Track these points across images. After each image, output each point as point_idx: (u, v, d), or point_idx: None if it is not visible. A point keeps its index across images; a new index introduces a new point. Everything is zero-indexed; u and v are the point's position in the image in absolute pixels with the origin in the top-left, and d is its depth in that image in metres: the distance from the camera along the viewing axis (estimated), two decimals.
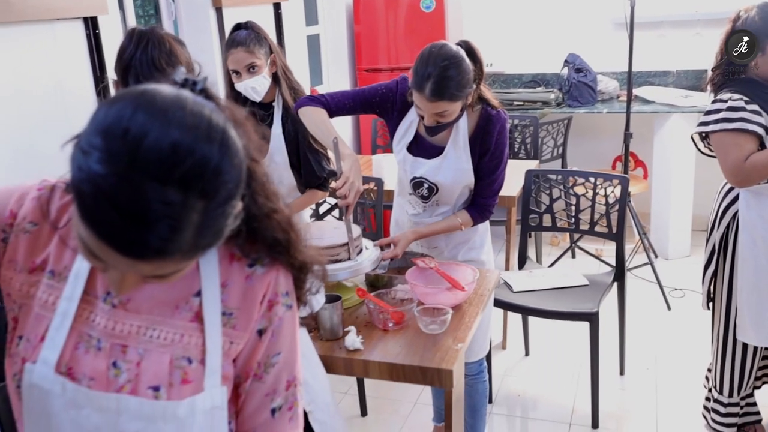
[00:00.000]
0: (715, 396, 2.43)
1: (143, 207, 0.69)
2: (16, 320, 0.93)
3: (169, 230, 0.71)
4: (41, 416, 0.89)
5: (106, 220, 0.70)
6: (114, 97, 0.76)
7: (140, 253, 0.72)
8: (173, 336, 0.90)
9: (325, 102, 2.12)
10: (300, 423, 1.01)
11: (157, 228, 0.70)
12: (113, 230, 0.70)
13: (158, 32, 1.73)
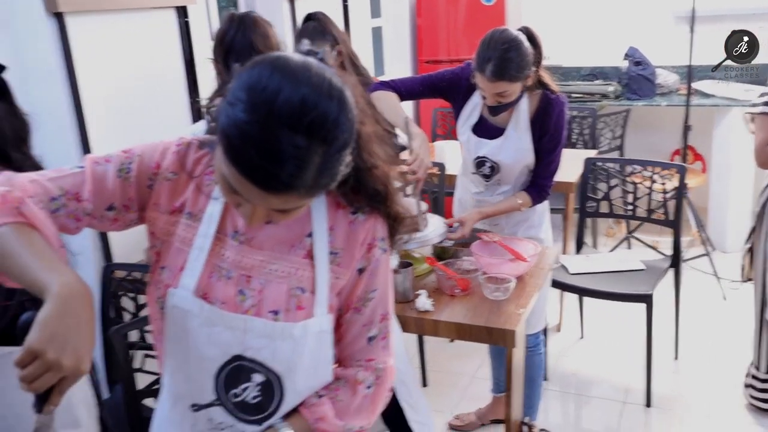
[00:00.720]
0: (753, 372, 2.50)
1: (277, 148, 0.85)
2: (159, 254, 1.10)
3: (296, 168, 0.86)
4: (181, 333, 1.06)
5: (247, 159, 0.86)
6: (254, 61, 0.92)
7: (273, 186, 0.87)
8: (289, 269, 1.06)
9: (396, 87, 2.27)
10: (392, 352, 1.16)
11: (287, 166, 0.85)
12: (252, 167, 0.86)
13: (252, 16, 1.91)
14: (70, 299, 0.84)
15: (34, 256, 0.90)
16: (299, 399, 1.10)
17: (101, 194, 1.04)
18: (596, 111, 4.07)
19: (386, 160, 1.06)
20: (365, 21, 4.11)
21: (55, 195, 1.01)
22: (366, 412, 1.13)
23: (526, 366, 2.39)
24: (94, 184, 1.03)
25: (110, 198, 1.05)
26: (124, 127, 2.26)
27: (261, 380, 1.06)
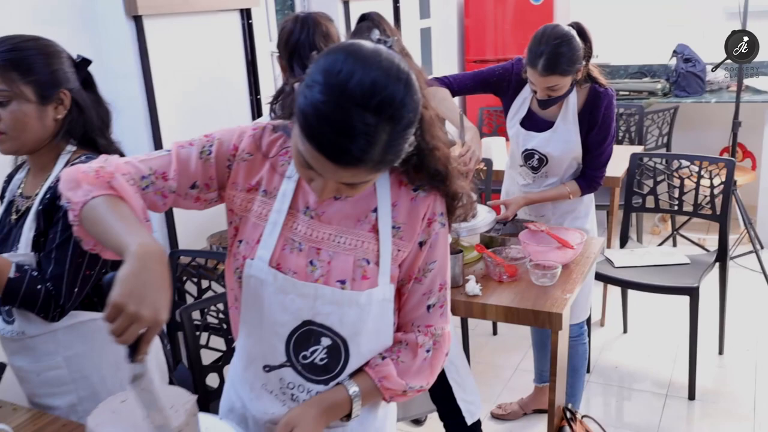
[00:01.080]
0: None
1: (349, 125, 0.95)
2: (237, 228, 1.23)
3: (365, 143, 0.97)
4: (256, 300, 1.19)
5: (322, 135, 0.97)
6: (329, 48, 1.03)
7: (344, 160, 0.98)
8: (356, 242, 1.18)
9: (448, 83, 2.38)
10: (448, 319, 1.26)
11: (358, 141, 0.96)
12: (327, 143, 0.97)
13: (314, 17, 2.04)
14: (146, 257, 0.96)
15: (118, 222, 1.03)
16: (362, 361, 1.21)
17: (185, 174, 1.17)
18: (643, 108, 4.09)
19: (446, 143, 1.16)
20: (414, 22, 4.22)
21: (145, 174, 1.15)
22: (425, 373, 1.24)
23: (569, 355, 2.47)
24: (179, 165, 1.17)
25: (193, 177, 1.18)
26: (190, 121, 2.42)
27: (328, 344, 1.18)
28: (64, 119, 1.47)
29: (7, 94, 1.39)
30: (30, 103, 1.41)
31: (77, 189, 1.07)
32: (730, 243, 3.69)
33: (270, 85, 2.88)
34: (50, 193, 1.42)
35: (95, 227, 1.05)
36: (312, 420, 1.16)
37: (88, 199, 1.05)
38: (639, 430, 2.68)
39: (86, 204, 1.05)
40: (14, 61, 1.40)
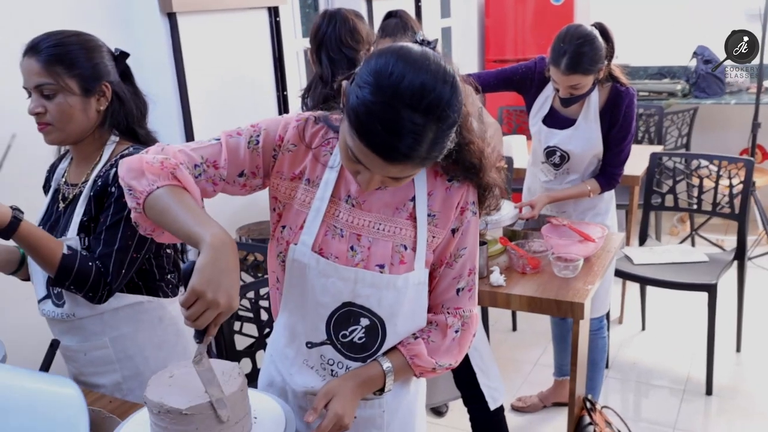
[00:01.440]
0: None
1: (399, 124, 1.01)
2: (280, 215, 1.29)
3: (413, 141, 1.02)
4: (299, 282, 1.25)
5: (372, 133, 1.03)
6: (379, 51, 1.08)
7: (393, 156, 1.04)
8: (394, 229, 1.23)
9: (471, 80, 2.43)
10: (476, 302, 1.32)
11: (406, 139, 1.02)
12: (377, 140, 1.03)
13: (342, 13, 2.11)
14: (221, 248, 1.02)
15: (187, 213, 1.09)
16: (397, 340, 1.27)
17: (234, 162, 1.23)
18: (663, 109, 4.12)
19: (481, 137, 1.22)
20: (435, 21, 4.28)
21: (197, 162, 1.21)
22: (453, 352, 1.30)
23: (589, 349, 2.51)
24: (229, 154, 1.23)
25: (241, 165, 1.24)
26: (220, 115, 2.49)
27: (367, 324, 1.24)
28: (106, 110, 1.54)
29: (54, 87, 1.45)
30: (74, 96, 1.48)
31: (141, 178, 1.12)
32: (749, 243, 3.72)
33: (296, 82, 2.95)
34: (101, 181, 1.49)
35: (162, 216, 1.10)
36: (349, 391, 1.22)
37: (153, 189, 1.11)
38: (656, 424, 2.72)
39: (151, 193, 1.11)
40: (59, 56, 1.46)
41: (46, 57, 1.45)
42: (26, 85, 1.47)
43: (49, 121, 1.47)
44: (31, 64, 1.45)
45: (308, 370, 1.30)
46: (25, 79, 1.47)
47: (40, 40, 1.46)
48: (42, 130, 1.49)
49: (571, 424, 2.24)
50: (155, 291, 1.61)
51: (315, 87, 2.12)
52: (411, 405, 1.38)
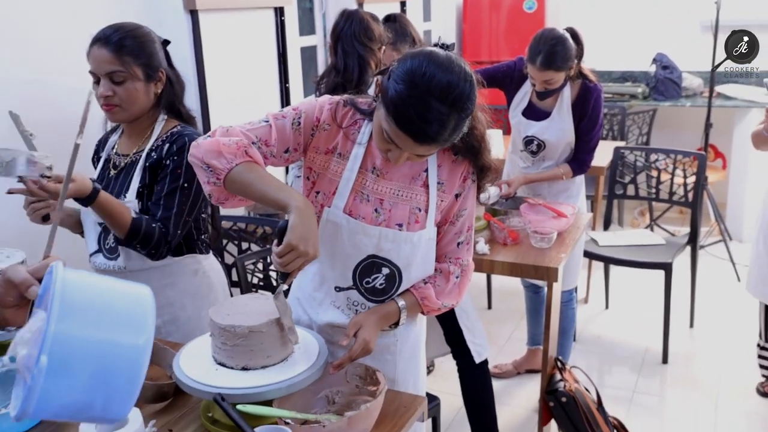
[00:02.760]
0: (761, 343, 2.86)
1: (429, 113, 1.28)
2: (314, 183, 1.54)
3: (440, 127, 1.30)
4: (330, 239, 1.51)
5: (407, 119, 1.30)
6: (412, 54, 1.34)
7: (422, 138, 1.31)
8: (410, 195, 1.51)
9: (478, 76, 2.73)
10: (471, 253, 1.61)
11: (434, 125, 1.29)
12: (410, 125, 1.30)
13: (360, 13, 2.39)
14: (306, 211, 1.29)
15: (269, 184, 1.35)
16: (409, 285, 1.55)
17: (282, 140, 1.49)
18: (626, 109, 4.49)
19: (483, 123, 1.50)
20: (418, 24, 4.57)
21: (254, 140, 1.46)
22: (454, 294, 1.59)
23: (560, 318, 2.83)
24: (278, 133, 1.49)
25: (287, 143, 1.50)
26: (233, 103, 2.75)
27: (387, 272, 1.52)
28: (161, 93, 1.79)
29: (124, 74, 1.69)
30: (140, 81, 1.72)
31: (220, 157, 1.37)
32: (702, 234, 4.09)
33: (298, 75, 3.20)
34: (155, 154, 1.74)
35: (246, 188, 1.36)
36: (373, 323, 1.50)
37: (233, 166, 1.36)
38: (619, 388, 3.04)
39: (231, 170, 1.36)
40: (128, 47, 1.69)
41: (116, 47, 1.68)
42: (97, 71, 1.70)
43: (116, 103, 1.71)
44: (103, 53, 1.68)
45: (335, 310, 1.57)
46: (95, 66, 1.69)
47: (110, 32, 1.69)
48: (109, 110, 1.73)
49: (544, 380, 2.55)
50: (193, 248, 1.87)
51: (329, 75, 2.40)
52: (418, 336, 1.67)
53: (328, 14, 3.81)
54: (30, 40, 2.07)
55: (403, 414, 1.44)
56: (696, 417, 2.82)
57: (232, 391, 1.29)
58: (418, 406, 1.48)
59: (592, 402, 2.53)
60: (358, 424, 1.30)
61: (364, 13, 2.41)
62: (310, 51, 3.75)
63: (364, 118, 1.51)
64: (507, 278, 3.79)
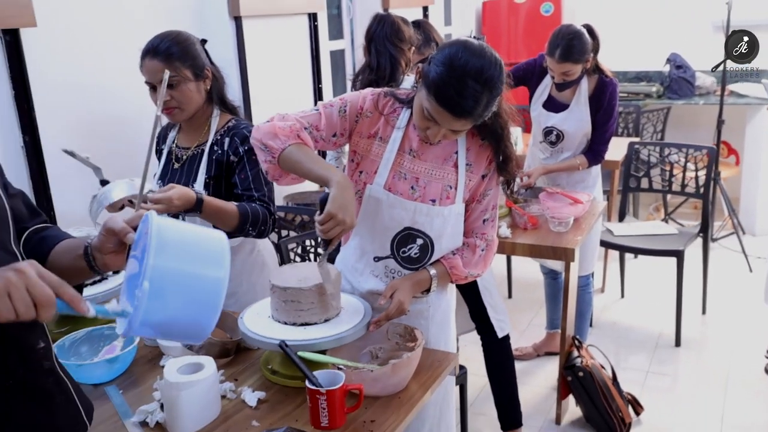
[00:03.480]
0: None
1: (465, 91, 1.49)
2: (358, 164, 1.76)
3: (473, 102, 1.50)
4: (372, 213, 1.72)
5: (447, 96, 1.50)
6: (450, 43, 1.55)
7: (458, 112, 1.52)
8: (442, 174, 1.72)
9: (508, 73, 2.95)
10: (495, 230, 1.81)
11: (469, 101, 1.50)
12: (449, 100, 1.50)
13: (391, 17, 2.60)
14: (344, 185, 1.51)
15: (315, 163, 1.58)
16: (441, 255, 1.76)
17: (330, 126, 1.71)
18: (640, 108, 4.66)
19: (508, 113, 1.70)
20: (439, 28, 4.76)
21: (306, 126, 1.68)
22: (480, 266, 1.79)
23: (577, 302, 3.02)
24: (327, 120, 1.71)
25: (335, 128, 1.72)
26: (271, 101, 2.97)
27: (421, 242, 1.72)
28: (209, 89, 2.00)
29: (176, 78, 1.88)
30: (191, 82, 1.93)
31: (275, 139, 1.60)
32: (716, 228, 4.26)
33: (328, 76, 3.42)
34: (217, 147, 1.95)
35: (296, 165, 1.59)
36: (407, 287, 1.70)
37: (286, 146, 1.59)
38: (633, 369, 3.21)
39: (284, 149, 1.59)
40: (175, 53, 1.89)
41: (165, 56, 1.88)
42: (152, 80, 1.89)
43: (175, 105, 1.91)
44: (155, 64, 1.87)
45: (374, 278, 1.78)
46: (150, 76, 1.89)
47: (156, 43, 1.89)
48: (169, 113, 1.92)
49: (562, 357, 2.74)
50: None
51: (363, 73, 2.62)
52: (449, 304, 1.87)
53: (355, 20, 4.03)
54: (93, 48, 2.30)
55: (437, 367, 1.64)
56: (706, 396, 2.98)
57: (291, 342, 1.50)
58: (450, 361, 1.68)
59: (608, 377, 2.72)
60: (400, 372, 1.50)
61: (396, 17, 2.63)
62: (339, 54, 3.98)
63: (402, 106, 1.72)
64: (526, 269, 4.01)
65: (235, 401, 1.53)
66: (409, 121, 1.71)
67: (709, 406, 2.90)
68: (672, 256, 3.30)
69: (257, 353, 1.73)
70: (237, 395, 1.54)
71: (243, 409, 1.50)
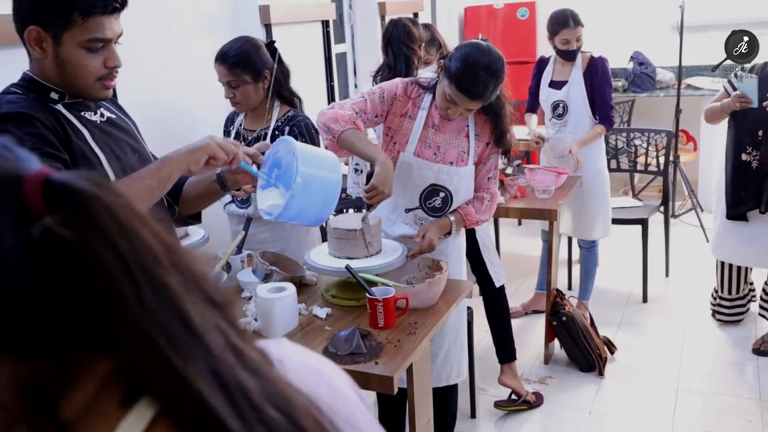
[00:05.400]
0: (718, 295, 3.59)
1: (477, 80, 2.00)
2: (392, 137, 2.26)
3: (484, 88, 2.02)
4: (404, 174, 2.22)
5: (464, 84, 2.01)
6: (466, 44, 2.07)
7: (473, 96, 2.03)
8: (458, 142, 2.23)
9: None
10: (497, 185, 2.32)
11: (480, 87, 2.01)
12: (466, 87, 2.01)
13: (402, 21, 3.09)
14: (386, 164, 2.00)
15: (365, 145, 2.07)
16: (457, 206, 2.27)
17: (373, 109, 2.21)
18: None
19: (505, 96, 2.21)
20: None
21: (357, 111, 2.18)
22: (487, 213, 2.31)
23: (585, 261, 3.58)
24: (371, 105, 2.21)
25: (376, 111, 2.22)
26: None
27: (443, 195, 2.23)
28: (268, 88, 2.47)
29: (237, 82, 2.34)
30: (249, 84, 2.38)
31: (337, 123, 2.09)
32: (677, 207, 4.83)
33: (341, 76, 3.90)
34: (279, 132, 2.38)
35: (351, 146, 2.08)
36: (435, 229, 2.21)
37: (344, 129, 2.09)
38: (607, 321, 3.73)
39: (343, 132, 2.08)
40: (238, 62, 2.34)
41: (230, 64, 2.33)
42: (221, 81, 2.37)
43: (237, 101, 2.38)
44: (222, 69, 2.34)
45: (404, 225, 2.28)
46: (219, 78, 2.36)
47: (225, 50, 2.35)
48: (234, 105, 2.41)
49: (548, 306, 3.26)
50: None
51: (382, 71, 3.11)
52: (461, 245, 2.41)
53: (355, 26, 4.53)
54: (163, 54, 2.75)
55: (456, 290, 2.14)
56: (669, 340, 3.52)
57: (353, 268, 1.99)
58: (465, 287, 2.19)
59: (587, 321, 3.25)
60: (433, 288, 2.00)
61: (406, 20, 3.12)
62: (341, 56, 4.47)
63: (425, 91, 2.23)
64: (513, 244, 4.52)
65: (308, 316, 2.01)
66: (431, 102, 2.22)
67: (671, 347, 3.45)
68: (638, 224, 3.85)
69: (315, 287, 2.21)
70: (309, 312, 2.03)
71: (315, 321, 1.99)
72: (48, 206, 0.46)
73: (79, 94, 1.51)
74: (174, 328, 0.46)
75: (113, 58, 1.48)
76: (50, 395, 0.47)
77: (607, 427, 2.88)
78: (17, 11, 1.44)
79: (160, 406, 0.46)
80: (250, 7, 3.16)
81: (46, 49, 1.44)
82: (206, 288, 0.49)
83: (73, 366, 0.48)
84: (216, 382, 0.46)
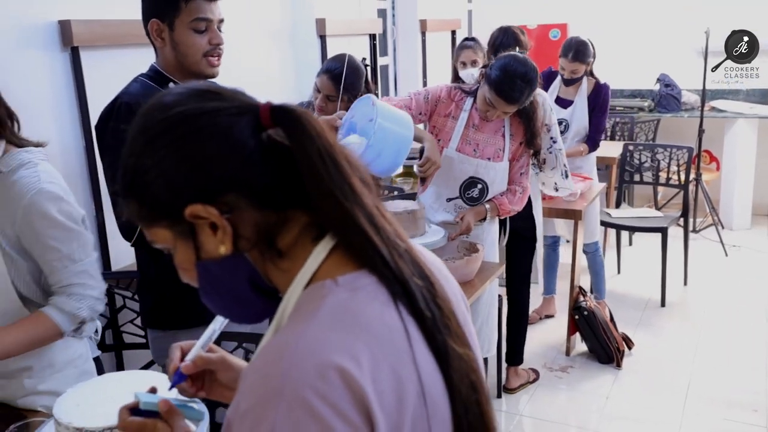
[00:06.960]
0: None
1: (515, 87, 2.31)
2: (437, 135, 2.56)
3: (520, 94, 2.32)
4: (447, 168, 2.51)
5: (503, 90, 2.32)
6: (504, 55, 2.38)
7: (511, 101, 2.34)
8: (495, 141, 2.52)
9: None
10: (528, 180, 2.61)
11: (516, 93, 2.32)
12: (504, 93, 2.32)
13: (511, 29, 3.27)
14: (433, 142, 2.34)
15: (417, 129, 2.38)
16: (492, 196, 2.56)
17: (417, 107, 2.52)
18: (634, 120, 5.48)
19: (536, 102, 2.51)
20: None
21: (402, 106, 2.48)
22: (518, 203, 2.60)
23: (591, 264, 3.82)
24: (416, 103, 2.52)
25: (420, 109, 2.53)
26: None
27: (480, 187, 2.53)
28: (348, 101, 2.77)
29: (333, 97, 2.63)
30: (344, 102, 2.70)
31: None
32: (698, 223, 5.06)
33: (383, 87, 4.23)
34: None
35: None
36: (472, 215, 2.51)
37: None
38: (627, 322, 3.96)
39: None
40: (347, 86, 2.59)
41: (332, 79, 2.59)
42: (321, 90, 2.64)
43: (327, 111, 2.70)
44: (325, 81, 2.61)
45: (445, 213, 2.58)
46: (321, 88, 2.63)
47: (330, 65, 2.63)
48: (320, 112, 2.70)
49: (571, 300, 3.51)
50: None
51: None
52: (495, 232, 2.68)
53: (398, 40, 4.87)
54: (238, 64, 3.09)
55: (490, 270, 2.43)
56: (685, 339, 3.75)
57: None
58: (497, 268, 2.48)
59: (607, 317, 3.50)
60: (471, 264, 2.29)
61: (515, 28, 3.34)
62: (384, 69, 4.80)
63: (466, 95, 2.53)
64: None
65: None
66: (472, 105, 2.52)
67: (685, 345, 3.67)
68: (657, 233, 4.09)
69: None
70: None
71: None
72: (273, 121, 0.77)
73: (191, 72, 1.78)
74: (345, 190, 0.77)
75: (216, 37, 1.77)
76: (272, 233, 0.79)
77: (624, 408, 3.12)
78: (142, 11, 1.77)
79: (338, 237, 0.78)
80: (307, 18, 3.51)
81: (164, 38, 1.75)
82: (362, 173, 0.80)
83: (286, 217, 0.79)
84: (369, 222, 0.77)
